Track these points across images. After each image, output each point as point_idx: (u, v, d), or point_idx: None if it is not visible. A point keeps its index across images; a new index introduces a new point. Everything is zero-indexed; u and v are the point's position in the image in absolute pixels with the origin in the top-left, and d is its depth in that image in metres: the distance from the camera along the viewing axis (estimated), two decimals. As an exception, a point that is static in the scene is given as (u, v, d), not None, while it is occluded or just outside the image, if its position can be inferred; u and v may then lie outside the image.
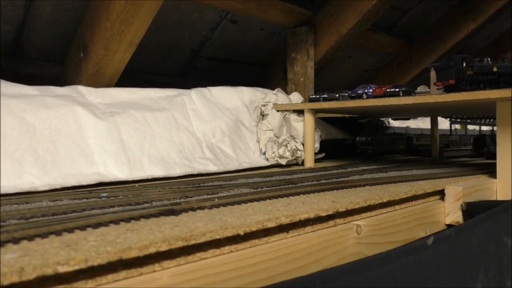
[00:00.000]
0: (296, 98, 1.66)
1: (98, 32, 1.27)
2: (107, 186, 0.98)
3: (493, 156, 1.81)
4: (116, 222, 0.57)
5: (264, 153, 1.49)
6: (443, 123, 2.97)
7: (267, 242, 0.60)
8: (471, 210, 0.89)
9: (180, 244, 0.49)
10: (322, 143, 1.62)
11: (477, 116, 2.49)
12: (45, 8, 1.31)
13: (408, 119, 2.56)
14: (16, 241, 0.47)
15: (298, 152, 1.47)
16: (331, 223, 0.69)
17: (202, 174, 1.21)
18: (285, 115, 1.53)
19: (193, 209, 0.66)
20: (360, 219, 0.74)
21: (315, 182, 1.00)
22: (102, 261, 0.43)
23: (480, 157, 1.94)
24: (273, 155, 1.46)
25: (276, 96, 1.57)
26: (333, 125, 1.86)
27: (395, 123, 2.56)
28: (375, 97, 1.35)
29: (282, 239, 0.62)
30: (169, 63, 1.83)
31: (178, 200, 0.76)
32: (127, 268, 0.46)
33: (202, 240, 0.51)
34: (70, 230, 0.52)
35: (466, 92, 1.09)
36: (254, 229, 0.57)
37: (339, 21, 1.87)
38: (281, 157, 1.46)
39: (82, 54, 1.35)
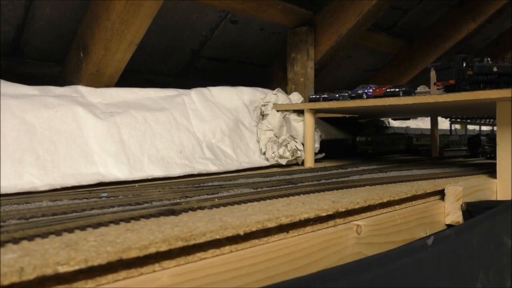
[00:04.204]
0: (296, 98, 1.66)
1: (98, 32, 1.27)
2: (107, 186, 0.98)
3: (487, 155, 1.80)
4: (116, 222, 0.57)
5: (264, 153, 1.49)
6: (443, 123, 2.97)
7: (267, 242, 0.60)
8: (471, 210, 0.89)
9: (180, 244, 0.49)
10: (322, 143, 1.62)
11: (477, 116, 2.49)
12: (45, 8, 1.31)
13: (408, 119, 2.56)
14: (16, 241, 0.47)
15: (298, 152, 1.47)
16: (331, 223, 0.69)
17: (202, 174, 1.21)
18: (285, 115, 1.53)
19: (193, 209, 0.66)
20: (360, 219, 0.74)
21: (315, 182, 1.00)
22: (102, 261, 0.43)
23: (475, 157, 1.93)
24: (273, 155, 1.46)
25: (276, 96, 1.57)
26: (333, 125, 1.86)
27: (395, 123, 2.56)
28: (375, 97, 1.35)
29: (282, 239, 0.62)
30: (169, 63, 1.83)
31: (178, 200, 0.76)
32: (127, 268, 0.46)
33: (202, 240, 0.51)
34: (70, 230, 0.52)
35: (466, 92, 1.09)
36: (254, 229, 0.57)
37: (339, 21, 1.87)
38: (281, 157, 1.46)
39: (82, 54, 1.35)
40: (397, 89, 1.30)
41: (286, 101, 1.58)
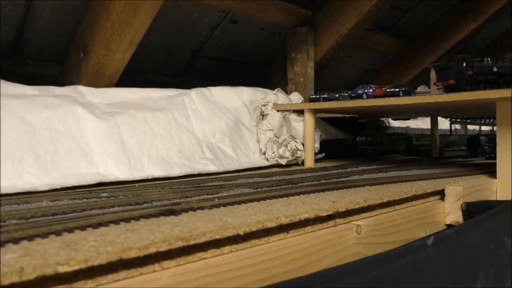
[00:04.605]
0: (296, 98, 1.66)
1: (98, 32, 1.27)
2: (107, 186, 0.98)
3: (487, 155, 1.80)
4: (116, 222, 0.57)
5: (264, 153, 1.49)
6: (443, 123, 2.97)
7: (267, 242, 0.60)
8: (471, 210, 0.89)
9: (180, 244, 0.49)
10: (322, 143, 1.62)
11: (477, 116, 2.49)
12: (45, 8, 1.31)
13: (408, 119, 2.56)
14: (16, 241, 0.47)
15: (298, 152, 1.47)
16: (331, 223, 0.69)
17: (202, 174, 1.21)
18: (285, 115, 1.53)
19: (193, 209, 0.66)
20: (360, 219, 0.74)
21: (315, 182, 1.00)
22: (102, 261, 0.43)
23: (474, 157, 1.93)
24: (273, 155, 1.46)
25: (276, 96, 1.57)
26: (333, 125, 1.86)
27: (395, 123, 2.56)
28: (375, 97, 1.35)
29: (282, 239, 0.62)
30: (169, 63, 1.83)
31: (178, 200, 0.76)
32: (127, 268, 0.46)
33: (202, 240, 0.51)
34: (70, 230, 0.52)
35: (466, 92, 1.09)
36: (254, 229, 0.57)
37: (339, 21, 1.87)
38: (281, 157, 1.46)
39: (82, 54, 1.35)
40: (397, 89, 1.30)
41: (286, 101, 1.58)
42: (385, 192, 0.84)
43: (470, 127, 3.46)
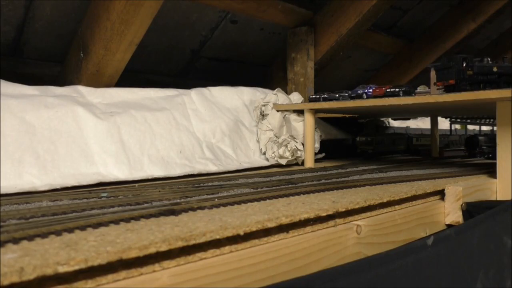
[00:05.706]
0: (296, 98, 1.66)
1: (98, 32, 1.27)
2: (107, 186, 0.98)
3: (485, 155, 1.80)
4: (116, 222, 0.57)
5: (264, 153, 1.49)
6: (443, 123, 2.97)
7: (267, 242, 0.60)
8: (471, 210, 0.89)
9: (180, 244, 0.49)
10: (322, 143, 1.62)
11: (477, 116, 2.49)
12: (45, 8, 1.31)
13: (408, 119, 2.56)
14: (16, 241, 0.47)
15: (298, 152, 1.47)
16: (331, 223, 0.69)
17: (202, 174, 1.21)
18: (285, 115, 1.53)
19: (193, 209, 0.66)
20: (360, 219, 0.74)
21: (315, 182, 1.00)
22: (102, 261, 0.43)
23: (473, 157, 1.92)
24: (273, 155, 1.46)
25: (276, 96, 1.57)
26: (333, 125, 1.86)
27: (395, 123, 2.56)
28: (375, 97, 1.35)
29: (282, 239, 0.62)
30: (169, 63, 1.83)
31: (178, 200, 0.76)
32: (127, 268, 0.46)
33: (202, 240, 0.51)
34: (70, 230, 0.52)
35: (466, 92, 1.09)
36: (254, 229, 0.57)
37: (339, 21, 1.87)
38: (281, 157, 1.46)
39: (82, 54, 1.35)
40: (397, 89, 1.30)
41: (286, 101, 1.58)
42: (385, 192, 0.84)
43: (470, 127, 3.46)
